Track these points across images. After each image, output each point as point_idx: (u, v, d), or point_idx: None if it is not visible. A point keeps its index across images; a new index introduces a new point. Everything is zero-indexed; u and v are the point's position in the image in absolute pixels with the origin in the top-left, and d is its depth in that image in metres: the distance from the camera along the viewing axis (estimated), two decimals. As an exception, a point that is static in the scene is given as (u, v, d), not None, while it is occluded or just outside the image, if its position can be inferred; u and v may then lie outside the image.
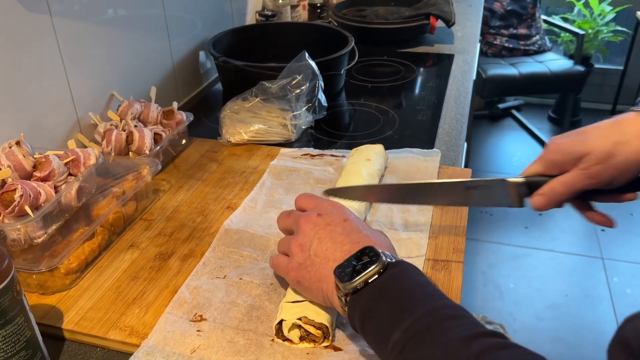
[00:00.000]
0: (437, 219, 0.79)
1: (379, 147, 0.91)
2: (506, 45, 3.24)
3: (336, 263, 0.55)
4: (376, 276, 0.51)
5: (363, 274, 0.51)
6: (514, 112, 3.60)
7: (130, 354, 0.60)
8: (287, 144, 1.03)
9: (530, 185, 0.63)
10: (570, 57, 3.24)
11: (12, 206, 0.65)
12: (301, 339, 0.59)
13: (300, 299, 0.61)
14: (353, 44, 1.27)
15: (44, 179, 0.72)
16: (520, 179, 0.64)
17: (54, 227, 0.70)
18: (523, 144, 3.36)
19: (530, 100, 3.71)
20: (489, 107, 3.56)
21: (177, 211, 0.84)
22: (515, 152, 3.28)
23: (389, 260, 0.52)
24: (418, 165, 0.92)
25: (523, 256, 2.40)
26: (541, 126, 3.48)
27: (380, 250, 0.53)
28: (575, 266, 2.35)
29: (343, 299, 0.53)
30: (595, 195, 0.64)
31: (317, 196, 0.66)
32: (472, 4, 2.03)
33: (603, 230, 2.54)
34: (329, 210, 0.61)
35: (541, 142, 3.32)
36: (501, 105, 3.59)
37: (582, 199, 0.64)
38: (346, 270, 0.53)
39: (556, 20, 3.42)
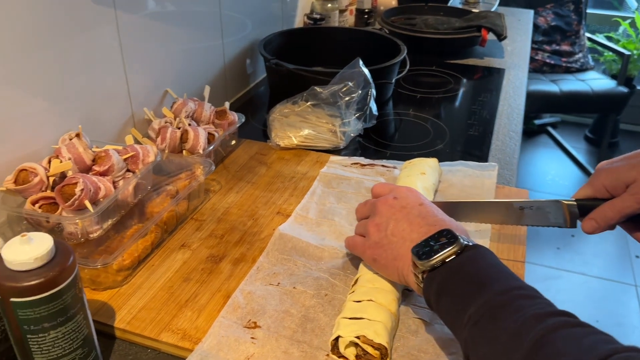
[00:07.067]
0: (496, 226, 0.80)
1: (433, 161, 0.89)
2: (547, 61, 3.18)
3: (413, 243, 0.58)
4: (454, 256, 0.54)
5: (441, 253, 0.54)
6: (550, 129, 3.54)
7: (181, 358, 0.59)
8: (336, 151, 1.02)
9: (581, 208, 0.66)
10: (612, 76, 3.17)
11: (72, 199, 0.64)
12: (357, 357, 0.58)
13: (359, 315, 0.59)
14: (405, 53, 1.25)
15: (102, 174, 0.71)
16: (573, 201, 0.67)
17: (109, 222, 0.70)
18: (557, 162, 3.28)
19: (567, 118, 3.64)
20: (525, 123, 3.49)
21: (228, 213, 0.83)
22: (550, 170, 3.20)
23: (466, 242, 0.55)
24: (474, 180, 0.90)
25: (554, 278, 2.35)
26: (577, 145, 3.40)
27: (457, 233, 0.55)
28: (607, 292, 2.29)
29: (420, 276, 0.56)
30: None
31: (392, 183, 0.69)
32: (520, 18, 2.00)
33: (637, 256, 2.47)
34: (404, 194, 0.65)
35: (576, 162, 3.25)
36: (537, 122, 3.53)
37: (631, 221, 0.66)
38: (424, 250, 0.55)
39: (600, 38, 3.35)
